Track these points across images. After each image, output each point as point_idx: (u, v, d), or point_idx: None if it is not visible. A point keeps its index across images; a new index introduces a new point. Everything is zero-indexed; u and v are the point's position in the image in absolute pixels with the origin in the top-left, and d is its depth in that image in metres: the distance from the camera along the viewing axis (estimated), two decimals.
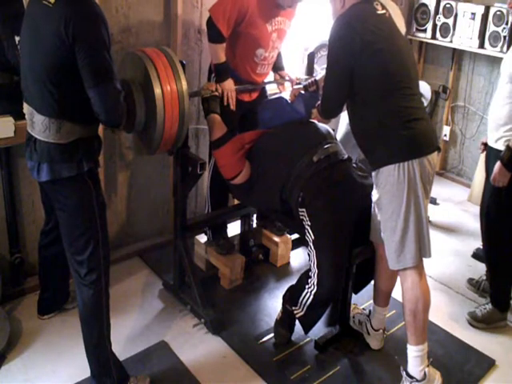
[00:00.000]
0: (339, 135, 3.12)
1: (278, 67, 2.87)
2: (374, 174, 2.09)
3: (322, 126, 2.49)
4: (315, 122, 2.49)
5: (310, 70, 2.99)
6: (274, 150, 2.41)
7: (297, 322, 2.40)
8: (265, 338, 2.48)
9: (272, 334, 2.48)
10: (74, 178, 1.88)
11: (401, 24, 2.08)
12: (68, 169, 1.87)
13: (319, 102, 2.24)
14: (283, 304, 2.43)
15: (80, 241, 1.93)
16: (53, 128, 1.82)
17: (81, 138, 1.87)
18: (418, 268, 2.09)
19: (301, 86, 2.59)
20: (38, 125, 1.84)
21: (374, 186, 2.11)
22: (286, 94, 2.62)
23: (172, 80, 2.15)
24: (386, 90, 1.98)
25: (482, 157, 2.90)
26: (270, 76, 2.91)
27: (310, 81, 2.58)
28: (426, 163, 2.01)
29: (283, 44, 2.77)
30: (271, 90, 2.96)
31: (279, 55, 2.85)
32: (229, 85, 2.57)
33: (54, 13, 1.70)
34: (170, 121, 2.16)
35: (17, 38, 2.14)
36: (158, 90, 2.10)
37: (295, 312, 2.32)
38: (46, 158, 1.86)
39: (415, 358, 2.12)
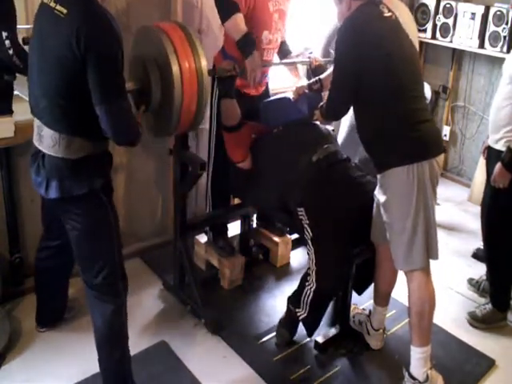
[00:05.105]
0: (340, 138, 3.11)
1: (285, 52, 2.80)
2: (379, 176, 2.08)
3: (323, 126, 2.49)
4: (317, 123, 2.49)
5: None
6: (274, 150, 2.42)
7: (300, 324, 2.39)
8: (265, 338, 2.48)
9: (272, 334, 2.48)
10: (86, 195, 1.78)
11: (413, 28, 2.06)
12: (79, 186, 1.77)
13: (322, 103, 2.23)
14: (287, 305, 2.43)
15: (97, 262, 1.86)
16: (62, 143, 1.74)
17: (91, 153, 1.78)
18: (425, 270, 2.08)
19: (304, 85, 2.57)
20: (47, 139, 1.76)
21: (380, 188, 2.09)
22: (290, 94, 2.61)
23: (190, 56, 2.03)
24: (393, 93, 1.97)
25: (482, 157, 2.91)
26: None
27: (314, 79, 2.55)
28: (435, 164, 2.01)
29: (285, 27, 2.71)
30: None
31: (285, 43, 2.80)
32: (256, 59, 2.38)
33: (66, 24, 1.62)
34: (188, 99, 2.03)
35: (4, 34, 2.06)
36: (175, 67, 1.97)
37: (298, 314, 2.32)
38: (55, 174, 1.76)
39: (418, 359, 2.11)
